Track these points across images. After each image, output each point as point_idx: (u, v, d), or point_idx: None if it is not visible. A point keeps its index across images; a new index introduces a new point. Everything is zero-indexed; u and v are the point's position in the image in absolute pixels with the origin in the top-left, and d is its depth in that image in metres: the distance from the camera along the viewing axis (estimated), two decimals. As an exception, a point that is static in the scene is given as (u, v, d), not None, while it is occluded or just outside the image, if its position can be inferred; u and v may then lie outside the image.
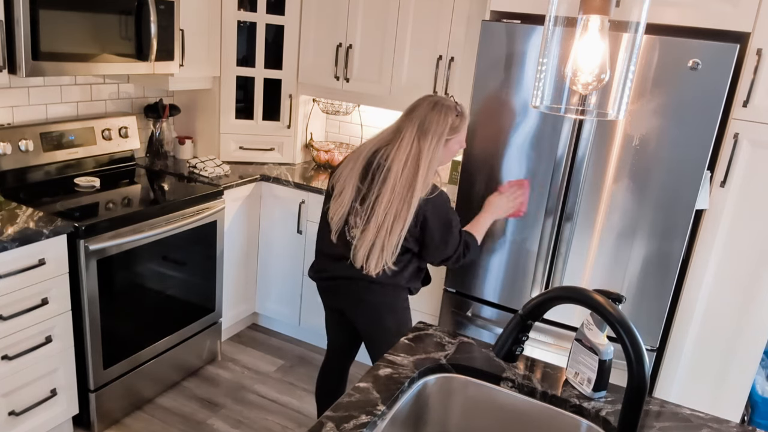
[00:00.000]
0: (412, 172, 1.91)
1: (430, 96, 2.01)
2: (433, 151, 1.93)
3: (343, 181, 2.02)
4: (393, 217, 1.91)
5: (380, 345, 2.09)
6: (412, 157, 1.92)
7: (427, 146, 1.93)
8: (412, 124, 1.96)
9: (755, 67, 2.04)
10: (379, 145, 2.01)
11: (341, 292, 2.10)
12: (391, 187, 1.91)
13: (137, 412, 2.66)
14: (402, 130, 1.97)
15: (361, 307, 2.08)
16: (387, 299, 2.05)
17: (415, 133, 1.94)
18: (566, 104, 1.15)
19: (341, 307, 2.14)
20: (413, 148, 1.93)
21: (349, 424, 1.21)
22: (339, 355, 2.33)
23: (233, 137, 3.29)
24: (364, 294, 2.04)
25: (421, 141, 1.93)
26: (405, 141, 1.94)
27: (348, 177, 2.01)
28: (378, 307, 2.06)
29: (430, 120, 1.94)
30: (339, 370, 2.35)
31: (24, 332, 2.12)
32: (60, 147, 2.67)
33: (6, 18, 2.12)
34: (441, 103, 1.97)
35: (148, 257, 2.52)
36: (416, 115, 1.96)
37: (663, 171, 2.14)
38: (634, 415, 1.05)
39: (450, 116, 1.95)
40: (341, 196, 2.01)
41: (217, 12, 3.02)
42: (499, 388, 1.45)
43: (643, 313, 2.28)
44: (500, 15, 2.48)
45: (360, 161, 2.01)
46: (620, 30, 1.07)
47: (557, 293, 1.09)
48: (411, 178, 1.91)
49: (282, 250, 3.20)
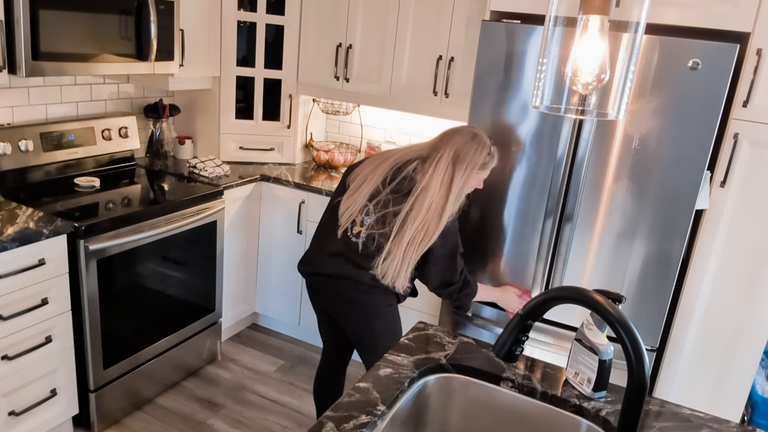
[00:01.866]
0: (444, 194, 1.95)
1: (469, 127, 2.06)
2: (464, 180, 1.98)
3: (363, 177, 2.03)
4: (423, 234, 1.93)
5: (369, 347, 2.07)
6: (445, 181, 1.96)
7: (460, 174, 1.97)
8: (449, 148, 1.99)
9: (755, 67, 2.04)
10: (412, 157, 2.02)
11: (327, 290, 2.08)
12: (427, 206, 1.94)
13: (137, 412, 2.66)
14: (439, 150, 1.99)
15: (345, 307, 2.06)
16: (372, 300, 2.03)
17: (451, 157, 1.97)
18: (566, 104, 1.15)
19: (327, 306, 2.13)
20: (448, 171, 1.96)
21: (349, 424, 1.21)
22: (334, 358, 2.32)
23: (233, 137, 3.29)
24: (349, 293, 2.02)
25: (456, 166, 1.97)
26: (442, 162, 1.97)
27: (369, 176, 2.02)
28: (364, 307, 2.03)
29: (468, 150, 1.98)
30: (335, 373, 2.34)
31: (24, 332, 2.12)
32: (60, 147, 2.67)
33: (6, 18, 2.12)
34: (480, 137, 2.02)
35: (148, 257, 2.52)
36: (454, 141, 2.00)
37: (663, 171, 2.14)
38: (634, 415, 1.05)
39: (484, 152, 2.01)
40: (357, 193, 2.02)
41: (217, 12, 3.02)
42: (499, 388, 1.45)
43: (643, 313, 2.28)
44: (500, 15, 2.48)
45: (387, 164, 2.02)
46: (620, 30, 1.07)
47: (557, 293, 1.09)
48: (443, 201, 1.95)
49: (282, 250, 3.20)
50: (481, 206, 2.45)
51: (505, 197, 2.41)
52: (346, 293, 2.03)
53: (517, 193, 2.38)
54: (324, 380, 2.36)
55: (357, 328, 2.07)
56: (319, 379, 2.37)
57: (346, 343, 2.28)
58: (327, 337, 2.29)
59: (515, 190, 2.38)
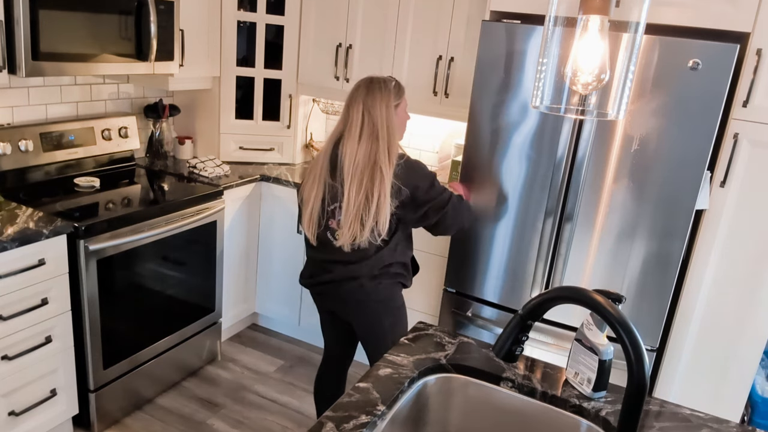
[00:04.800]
0: (370, 148, 1.93)
1: (363, 78, 2.04)
2: (387, 120, 1.95)
3: (309, 186, 2.04)
4: (364, 196, 1.91)
5: (377, 345, 2.09)
6: (366, 135, 1.94)
7: (379, 117, 1.95)
8: (356, 104, 1.98)
9: (755, 67, 2.04)
10: (335, 139, 2.03)
11: (334, 295, 2.09)
12: (351, 172, 1.93)
13: (137, 412, 2.66)
14: (350, 115, 1.99)
15: (356, 308, 2.07)
16: (381, 298, 2.04)
17: (362, 110, 1.96)
18: (566, 104, 1.15)
19: (336, 309, 2.14)
20: (365, 125, 1.95)
21: (349, 424, 1.21)
22: (336, 359, 2.32)
23: (233, 137, 3.29)
24: (356, 295, 2.04)
25: (372, 114, 1.95)
26: (354, 123, 1.96)
27: (314, 181, 2.02)
28: (374, 306, 2.05)
29: (373, 93, 1.97)
30: (337, 373, 2.34)
31: (24, 332, 2.12)
32: (60, 147, 2.67)
33: (6, 18, 2.12)
34: (375, 78, 2.02)
35: (148, 257, 2.52)
36: (357, 96, 1.99)
37: (663, 171, 2.14)
38: (634, 415, 1.05)
39: (389, 84, 2.00)
40: (311, 202, 2.02)
41: (217, 12, 3.02)
42: (499, 388, 1.45)
43: (643, 313, 2.28)
44: (500, 15, 2.48)
45: (323, 162, 2.02)
46: (620, 30, 1.07)
47: (557, 293, 1.09)
48: (370, 154, 1.92)
49: (282, 250, 3.20)
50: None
51: (505, 197, 2.41)
52: (353, 295, 2.04)
53: (517, 192, 2.38)
54: (325, 381, 2.36)
55: (366, 327, 2.09)
56: (320, 379, 2.37)
57: (350, 344, 2.28)
58: (331, 338, 2.29)
59: (515, 189, 2.38)
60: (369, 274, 2.00)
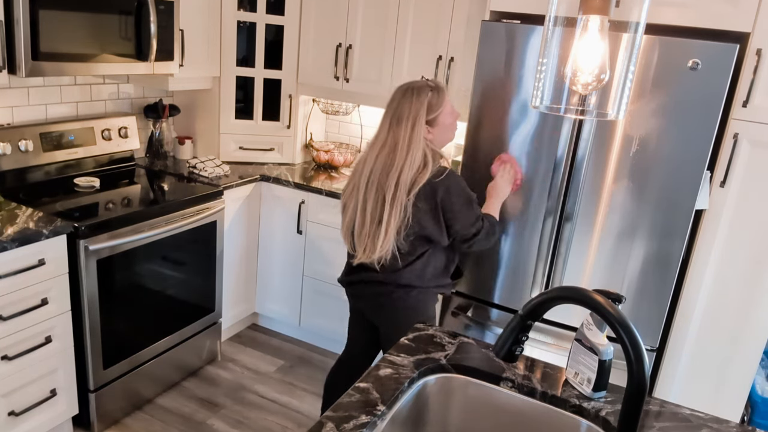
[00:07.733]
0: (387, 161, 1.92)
1: (402, 85, 2.01)
2: (410, 137, 1.91)
3: (348, 194, 2.06)
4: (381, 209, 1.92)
5: None
6: (387, 149, 1.93)
7: (402, 133, 1.92)
8: (386, 116, 1.98)
9: (755, 67, 2.04)
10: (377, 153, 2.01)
11: (366, 298, 2.12)
12: (366, 186, 1.94)
13: (137, 412, 2.66)
14: (380, 125, 1.99)
15: (384, 313, 2.08)
16: (411, 305, 2.04)
17: (389, 124, 1.95)
18: (566, 104, 1.15)
19: (365, 311, 2.16)
20: (389, 139, 1.94)
21: (349, 424, 1.21)
22: (355, 358, 2.32)
23: (233, 137, 3.29)
24: (389, 302, 2.04)
25: (396, 130, 1.93)
26: (379, 138, 1.97)
27: (353, 190, 2.03)
28: (403, 314, 2.05)
29: (402, 107, 1.94)
30: (349, 373, 2.32)
31: (24, 332, 2.12)
32: (60, 147, 2.67)
33: (6, 18, 2.12)
34: (411, 87, 1.97)
35: (147, 257, 2.52)
36: (389, 106, 1.98)
37: (663, 171, 2.14)
38: (634, 415, 1.05)
39: (423, 96, 1.94)
40: (348, 212, 2.04)
41: (216, 12, 3.02)
42: (499, 388, 1.45)
43: (643, 313, 2.28)
44: (500, 15, 2.48)
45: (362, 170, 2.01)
46: (620, 30, 1.07)
47: (557, 293, 1.09)
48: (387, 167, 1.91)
49: (282, 250, 3.20)
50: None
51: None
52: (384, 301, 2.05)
53: (517, 192, 2.37)
54: (340, 376, 2.34)
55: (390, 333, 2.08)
56: (334, 374, 2.35)
57: (372, 347, 2.29)
58: (355, 337, 2.30)
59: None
60: (400, 282, 2.01)
